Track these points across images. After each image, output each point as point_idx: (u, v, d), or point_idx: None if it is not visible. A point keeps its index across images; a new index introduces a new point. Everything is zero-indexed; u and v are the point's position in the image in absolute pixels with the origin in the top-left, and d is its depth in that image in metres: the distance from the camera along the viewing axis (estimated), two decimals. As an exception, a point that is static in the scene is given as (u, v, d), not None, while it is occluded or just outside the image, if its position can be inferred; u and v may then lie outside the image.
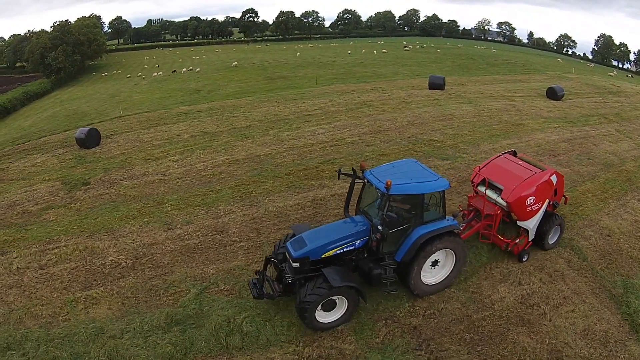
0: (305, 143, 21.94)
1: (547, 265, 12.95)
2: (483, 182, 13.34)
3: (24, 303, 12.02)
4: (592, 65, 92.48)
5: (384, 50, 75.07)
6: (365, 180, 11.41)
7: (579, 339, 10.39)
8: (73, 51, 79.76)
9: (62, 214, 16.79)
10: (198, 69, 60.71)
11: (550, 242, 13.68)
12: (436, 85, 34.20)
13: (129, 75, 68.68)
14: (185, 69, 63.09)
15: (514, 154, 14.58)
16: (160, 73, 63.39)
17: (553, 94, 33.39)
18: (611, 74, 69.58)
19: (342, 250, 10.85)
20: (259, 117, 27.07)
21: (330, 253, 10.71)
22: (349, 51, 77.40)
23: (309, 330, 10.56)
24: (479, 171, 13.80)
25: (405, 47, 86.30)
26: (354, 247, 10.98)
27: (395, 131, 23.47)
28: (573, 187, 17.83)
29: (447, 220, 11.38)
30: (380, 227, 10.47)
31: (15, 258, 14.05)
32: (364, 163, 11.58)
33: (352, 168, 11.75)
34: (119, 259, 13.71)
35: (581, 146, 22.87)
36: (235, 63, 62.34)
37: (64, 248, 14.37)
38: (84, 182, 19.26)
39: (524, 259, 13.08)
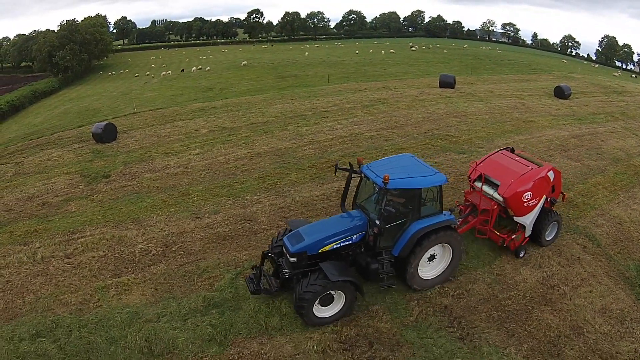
0: (325, 137, 22.59)
1: (564, 250, 13.61)
2: (480, 178, 13.31)
3: (51, 291, 12.08)
4: (597, 66, 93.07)
5: (391, 51, 75.69)
6: (362, 175, 11.45)
7: (597, 317, 11.03)
8: (80, 50, 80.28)
9: (84, 205, 17.02)
10: (208, 68, 61.30)
11: (547, 239, 13.73)
12: (447, 83, 34.92)
13: (137, 74, 69.26)
14: (194, 68, 63.58)
15: (512, 150, 14.62)
16: (169, 72, 63.90)
17: (560, 93, 34.08)
18: (615, 74, 70.03)
19: (339, 245, 10.85)
20: (276, 113, 27.73)
21: (328, 248, 10.70)
22: (357, 51, 78.05)
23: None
24: (475, 167, 13.80)
25: (411, 47, 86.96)
26: (351, 241, 10.97)
27: (411, 127, 24.18)
28: (584, 180, 18.59)
29: (444, 215, 11.39)
30: (377, 222, 10.44)
31: (38, 248, 14.16)
32: (360, 158, 11.76)
33: (349, 163, 11.89)
34: (148, 247, 13.92)
35: (590, 142, 23.53)
36: (245, 62, 62.97)
37: (90, 237, 14.53)
38: (104, 174, 19.54)
39: (521, 255, 13.12)
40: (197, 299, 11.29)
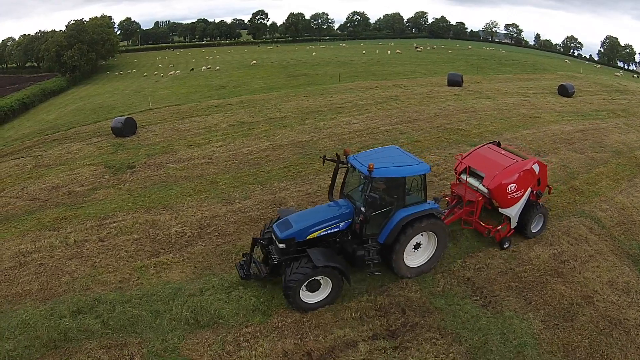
0: (343, 131, 23.69)
1: (572, 231, 14.64)
2: (466, 170, 13.61)
3: (88, 272, 12.46)
4: (599, 66, 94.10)
5: (397, 51, 76.88)
6: (349, 165, 11.68)
7: (605, 288, 12.05)
8: (88, 50, 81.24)
9: (112, 193, 17.50)
10: (218, 67, 62.34)
11: (533, 231, 13.98)
12: (455, 82, 36.06)
13: (145, 74, 70.14)
14: (203, 67, 64.59)
15: (498, 144, 14.91)
16: (178, 71, 64.79)
17: (564, 91, 35.14)
18: (617, 74, 71.26)
19: (326, 232, 11.16)
20: (292, 109, 28.80)
21: (315, 234, 11.00)
22: (364, 51, 79.14)
23: (380, 282, 11.59)
24: (461, 160, 14.04)
25: (416, 48, 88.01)
26: (338, 229, 11.28)
27: (424, 121, 25.31)
28: (589, 170, 19.65)
29: (428, 203, 11.74)
30: (363, 209, 10.77)
31: (70, 233, 14.54)
32: (348, 149, 12.00)
33: (336, 154, 12.17)
34: (183, 229, 14.43)
35: (593, 136, 24.56)
36: (254, 62, 64.07)
37: (122, 222, 15.00)
38: (128, 165, 20.09)
39: (506, 246, 13.38)
40: (237, 275, 11.60)
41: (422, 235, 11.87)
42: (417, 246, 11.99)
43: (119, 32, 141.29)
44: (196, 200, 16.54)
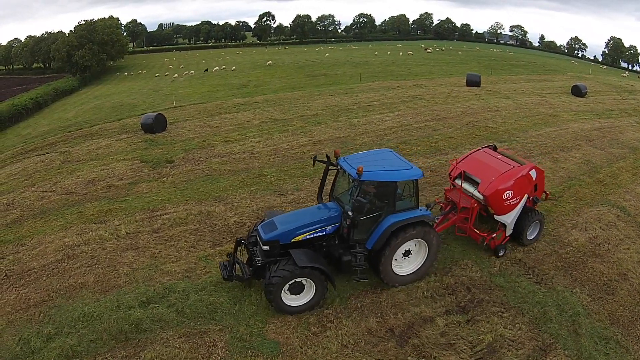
0: (378, 128, 24.91)
1: (603, 218, 15.92)
2: (461, 175, 13.12)
3: (148, 262, 12.49)
4: (605, 67, 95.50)
5: (409, 52, 78.19)
6: (339, 167, 11.40)
7: (637, 267, 13.32)
8: (99, 50, 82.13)
9: (156, 186, 17.65)
10: (234, 68, 63.60)
11: (529, 238, 13.66)
12: (473, 82, 37.44)
13: (157, 74, 71.00)
14: (216, 68, 65.73)
15: (494, 148, 14.46)
16: (193, 72, 65.85)
17: (578, 92, 36.50)
18: (624, 75, 72.71)
19: (312, 236, 10.81)
20: (321, 107, 29.90)
21: (301, 237, 10.69)
22: (376, 52, 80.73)
23: (442, 264, 12.28)
24: (456, 164, 13.58)
25: (426, 49, 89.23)
26: (324, 232, 10.96)
27: (453, 119, 26.63)
28: (610, 164, 20.93)
29: (420, 210, 11.34)
30: (350, 213, 10.47)
31: (118, 225, 14.59)
32: (338, 150, 11.73)
33: (326, 155, 11.88)
34: (241, 219, 14.72)
35: (610, 134, 25.87)
36: (270, 62, 65.31)
37: (174, 214, 15.11)
38: (167, 160, 20.40)
39: (501, 254, 13.10)
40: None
41: (412, 243, 11.51)
42: (407, 253, 11.62)
43: (125, 34, 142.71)
44: (247, 192, 16.98)
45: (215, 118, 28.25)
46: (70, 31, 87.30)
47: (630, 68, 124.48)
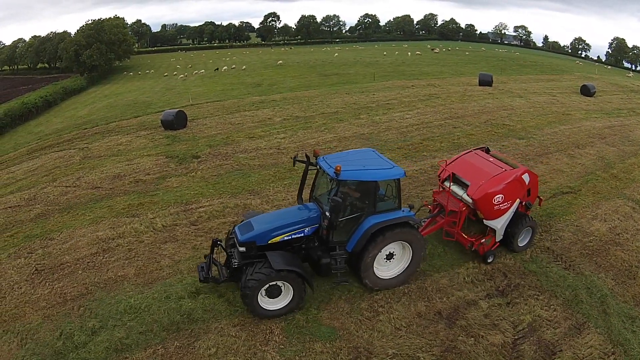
0: (400, 125, 25.74)
1: (620, 210, 16.78)
2: (449, 178, 12.78)
3: (190, 254, 12.59)
4: (609, 67, 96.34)
5: (417, 52, 78.95)
6: (319, 167, 11.12)
7: None
8: (107, 50, 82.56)
9: (186, 181, 17.82)
10: (244, 67, 64.28)
11: (520, 245, 13.27)
12: (485, 82, 38.35)
13: (165, 74, 71.35)
14: (225, 67, 66.35)
15: (487, 150, 14.04)
16: (203, 71, 66.39)
17: (587, 91, 37.42)
18: (628, 75, 73.63)
19: (290, 237, 10.54)
20: (340, 105, 30.60)
21: (278, 239, 10.42)
22: (384, 52, 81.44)
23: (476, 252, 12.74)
24: (445, 166, 13.18)
25: (433, 49, 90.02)
26: (302, 234, 10.68)
27: (471, 117, 27.52)
28: (623, 160, 21.77)
29: (402, 211, 10.97)
30: (327, 213, 10.23)
31: (153, 218, 14.66)
32: (317, 150, 11.63)
33: (306, 154, 11.70)
34: None
35: (621, 132, 26.74)
36: (280, 62, 66.11)
37: (210, 207, 15.28)
38: (193, 155, 20.66)
39: (489, 260, 12.74)
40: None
41: (395, 245, 11.19)
42: (390, 256, 11.31)
43: (131, 34, 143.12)
44: (281, 185, 17.28)
45: (235, 115, 28.79)
46: (77, 31, 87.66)
47: (633, 68, 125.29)
